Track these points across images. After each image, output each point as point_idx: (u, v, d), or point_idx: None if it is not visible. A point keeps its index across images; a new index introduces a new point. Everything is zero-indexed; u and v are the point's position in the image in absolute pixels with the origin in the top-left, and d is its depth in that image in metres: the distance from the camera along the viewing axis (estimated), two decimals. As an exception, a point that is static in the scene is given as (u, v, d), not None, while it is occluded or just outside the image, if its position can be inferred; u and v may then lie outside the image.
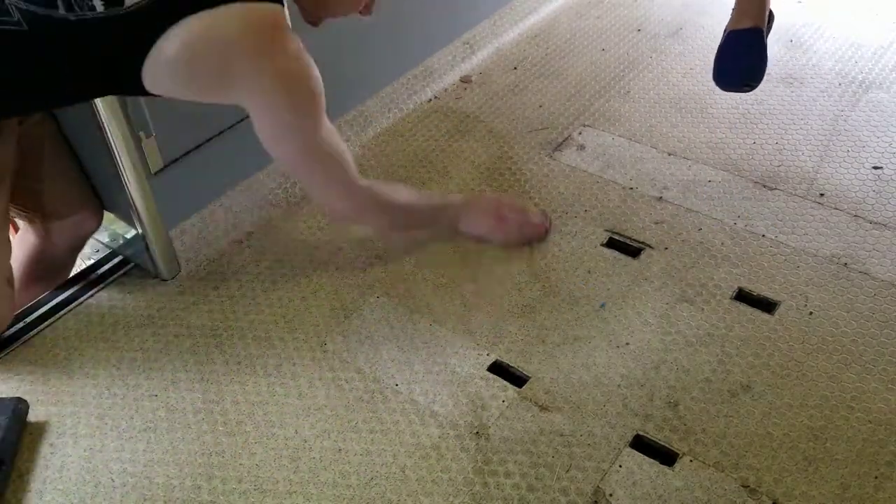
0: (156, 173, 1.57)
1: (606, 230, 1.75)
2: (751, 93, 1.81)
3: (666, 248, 1.69)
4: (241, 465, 1.33)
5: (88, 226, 1.66)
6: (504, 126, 2.09)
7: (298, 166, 1.40)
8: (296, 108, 1.27)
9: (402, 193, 1.57)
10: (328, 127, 1.35)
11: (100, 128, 1.43)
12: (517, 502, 1.26)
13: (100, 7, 1.09)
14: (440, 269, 1.67)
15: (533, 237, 1.69)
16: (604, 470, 1.29)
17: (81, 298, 1.65)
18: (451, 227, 1.65)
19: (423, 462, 1.32)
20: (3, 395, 1.43)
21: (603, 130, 2.05)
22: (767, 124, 2.04)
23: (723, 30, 1.80)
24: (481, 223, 1.65)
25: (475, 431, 1.36)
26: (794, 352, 1.46)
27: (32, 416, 1.42)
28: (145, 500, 1.29)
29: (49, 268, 1.70)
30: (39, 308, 1.62)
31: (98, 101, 1.40)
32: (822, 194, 1.81)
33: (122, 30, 1.12)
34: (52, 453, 1.36)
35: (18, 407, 1.40)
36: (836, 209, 1.77)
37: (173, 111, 1.57)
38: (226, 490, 1.29)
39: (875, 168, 1.88)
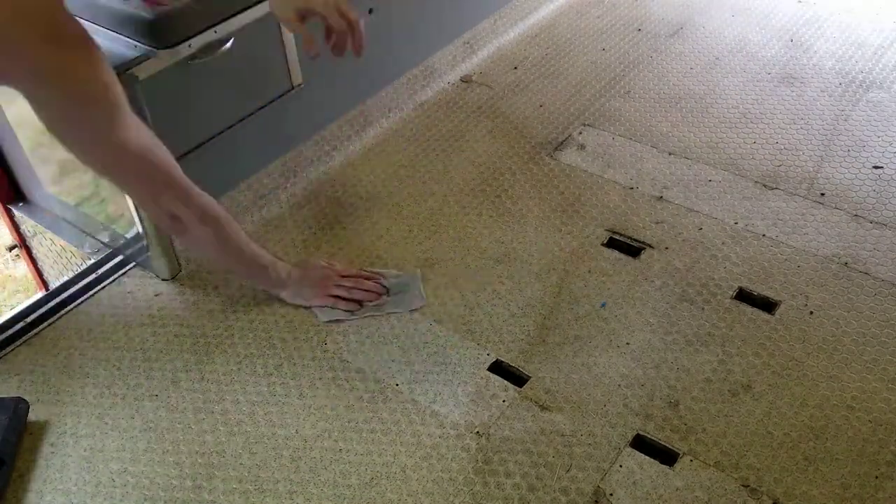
0: (156, 173, 1.57)
1: (607, 230, 1.75)
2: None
3: (666, 248, 1.69)
4: (241, 465, 1.33)
5: None
6: (504, 126, 2.09)
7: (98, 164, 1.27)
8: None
9: (232, 227, 1.45)
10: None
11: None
12: (517, 502, 1.25)
13: None
14: (440, 269, 1.67)
15: (366, 300, 1.59)
16: (604, 470, 1.29)
17: (81, 298, 1.65)
18: (273, 288, 1.59)
19: (423, 462, 1.32)
20: (3, 395, 1.43)
21: (603, 130, 2.05)
22: (768, 124, 2.04)
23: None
24: (310, 297, 1.58)
25: (476, 431, 1.36)
26: (794, 351, 1.46)
27: (32, 416, 1.42)
28: (145, 500, 1.29)
29: None
30: (39, 308, 1.62)
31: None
32: (822, 194, 1.81)
33: None
34: (52, 453, 1.36)
35: (18, 407, 1.40)
36: (837, 209, 1.77)
37: (173, 111, 1.57)
38: (226, 490, 1.29)
39: (875, 167, 1.88)
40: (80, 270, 1.73)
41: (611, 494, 1.25)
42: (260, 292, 1.64)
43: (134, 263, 1.72)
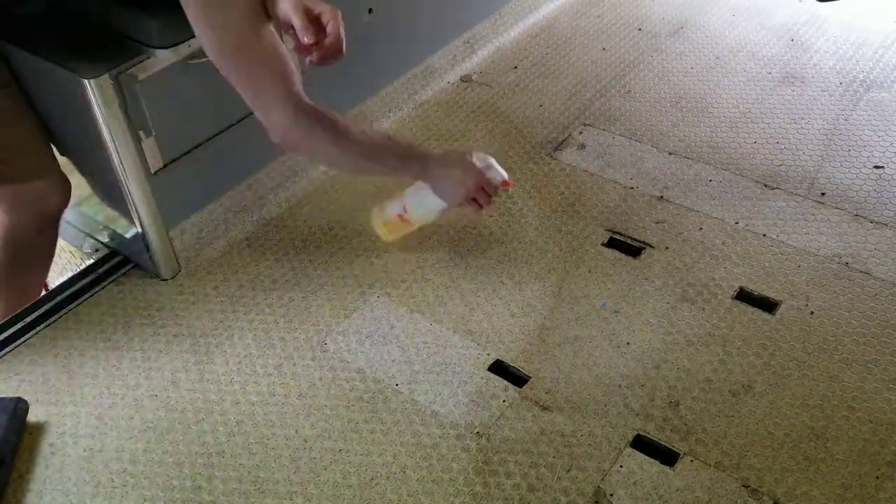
0: (156, 173, 1.57)
1: (607, 229, 1.75)
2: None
3: (667, 248, 1.69)
4: (241, 465, 1.33)
5: (54, 201, 1.56)
6: (504, 126, 2.09)
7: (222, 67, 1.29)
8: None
9: (367, 130, 1.44)
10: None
11: (98, 126, 1.43)
12: (518, 502, 1.25)
13: None
14: (440, 269, 1.67)
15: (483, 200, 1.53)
16: (604, 470, 1.29)
17: (81, 298, 1.65)
18: (417, 176, 1.53)
19: (423, 462, 1.31)
20: (3, 395, 1.43)
21: (603, 129, 2.05)
22: (768, 124, 2.04)
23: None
24: (450, 195, 1.52)
25: (476, 431, 1.36)
26: (795, 351, 1.46)
27: (32, 416, 1.42)
28: (145, 500, 1.29)
29: (19, 253, 1.61)
30: (39, 308, 1.62)
31: (98, 101, 1.40)
32: (823, 194, 1.81)
33: None
34: (52, 453, 1.36)
35: (18, 407, 1.40)
36: (837, 209, 1.76)
37: (173, 111, 1.57)
38: (226, 490, 1.29)
39: (876, 167, 1.88)
40: (80, 270, 1.73)
41: (611, 495, 1.25)
42: (259, 292, 1.64)
43: (134, 263, 1.72)
